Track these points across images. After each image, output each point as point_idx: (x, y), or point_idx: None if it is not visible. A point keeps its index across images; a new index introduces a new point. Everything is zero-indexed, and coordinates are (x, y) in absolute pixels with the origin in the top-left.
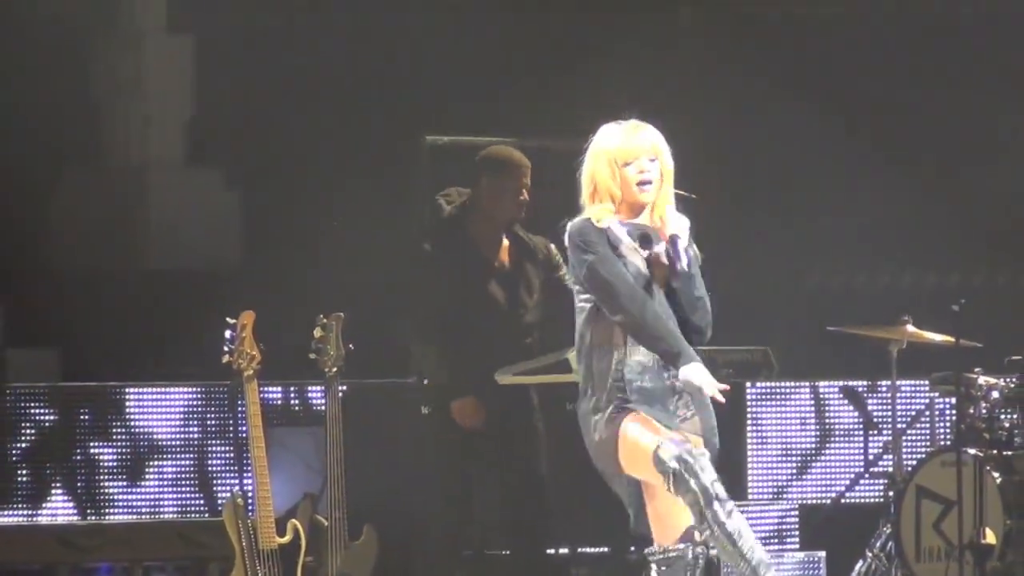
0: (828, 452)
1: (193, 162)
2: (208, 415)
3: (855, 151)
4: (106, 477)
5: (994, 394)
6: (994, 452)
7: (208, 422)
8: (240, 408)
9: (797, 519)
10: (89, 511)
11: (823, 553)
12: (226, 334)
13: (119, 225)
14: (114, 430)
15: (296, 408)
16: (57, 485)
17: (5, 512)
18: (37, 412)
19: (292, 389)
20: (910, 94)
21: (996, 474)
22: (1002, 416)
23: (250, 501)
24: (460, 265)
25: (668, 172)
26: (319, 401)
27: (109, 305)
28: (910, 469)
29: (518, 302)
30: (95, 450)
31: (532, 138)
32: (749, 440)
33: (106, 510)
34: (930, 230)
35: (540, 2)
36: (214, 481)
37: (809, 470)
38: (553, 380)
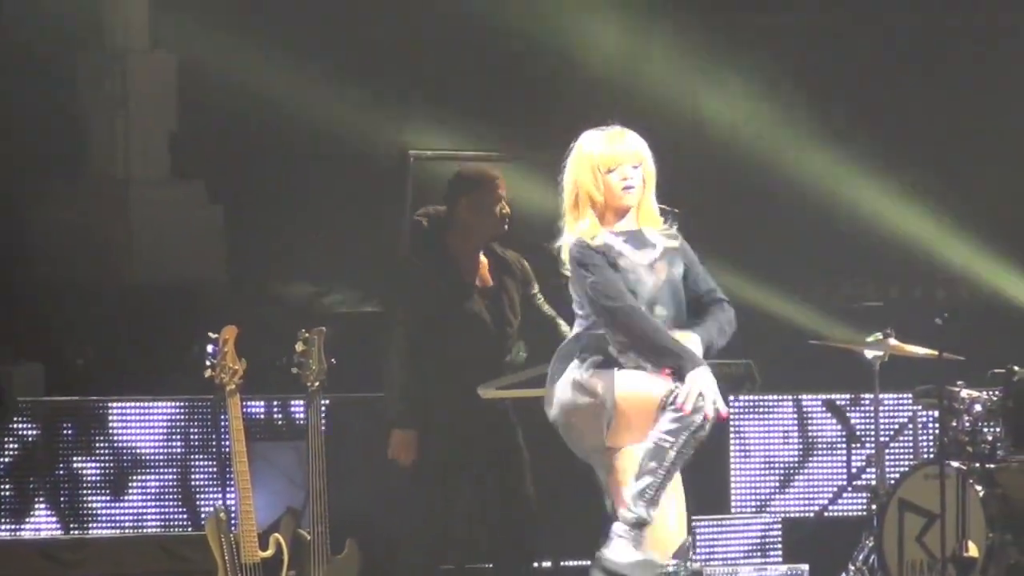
0: (811, 465)
1: (176, 177)
2: (191, 429)
3: (839, 164)
4: (89, 491)
5: (977, 407)
6: (977, 465)
7: (191, 436)
8: (223, 422)
9: (780, 532)
10: (72, 525)
11: (806, 566)
12: (209, 348)
13: (102, 240)
14: (97, 444)
15: (279, 422)
16: (40, 499)
17: None
18: (20, 427)
19: (275, 403)
20: (894, 106)
21: (979, 487)
22: (985, 429)
23: (233, 515)
24: (444, 284)
25: (650, 177)
26: (301, 415)
27: (92, 319)
28: (893, 482)
29: (503, 320)
30: (78, 464)
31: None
32: (732, 453)
33: (89, 524)
34: (913, 243)
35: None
36: (197, 495)
37: (792, 483)
38: (536, 394)
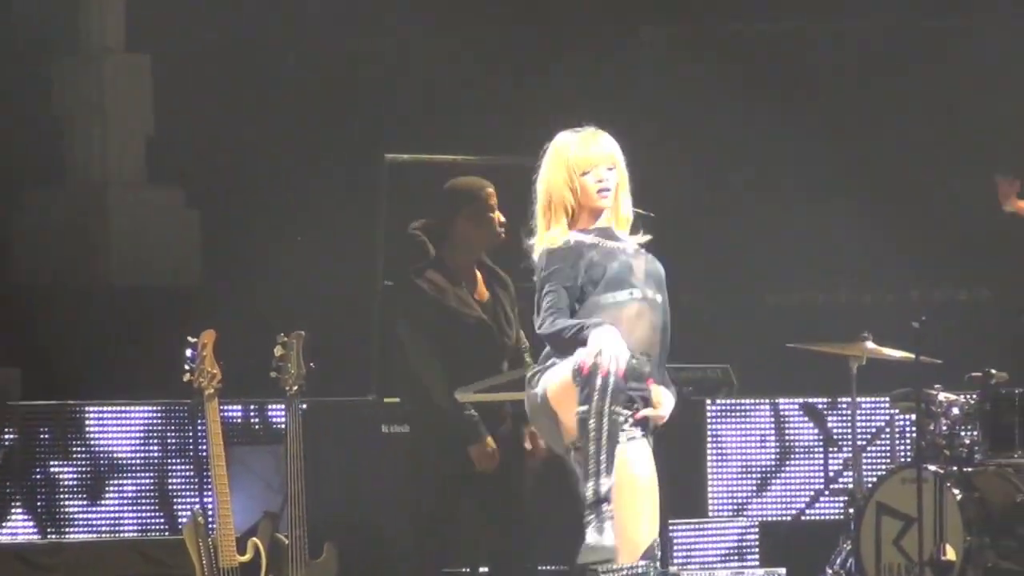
0: (788, 469)
1: (153, 181)
2: (168, 434)
3: (815, 169)
4: (66, 496)
5: (954, 411)
6: (954, 469)
7: (168, 441)
8: (201, 426)
9: (757, 536)
10: (49, 530)
11: (783, 570)
12: (187, 353)
13: (79, 243)
14: (74, 449)
15: (256, 426)
16: (17, 504)
17: None
18: None
19: (252, 407)
20: (868, 113)
21: (956, 491)
22: (962, 433)
23: (211, 519)
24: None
25: (624, 179)
26: (279, 419)
27: (69, 323)
28: (870, 486)
29: (501, 331)
30: (55, 469)
31: (492, 155)
32: (709, 457)
33: (66, 529)
34: (890, 247)
35: (501, 19)
36: (174, 499)
37: (769, 487)
38: (512, 398)
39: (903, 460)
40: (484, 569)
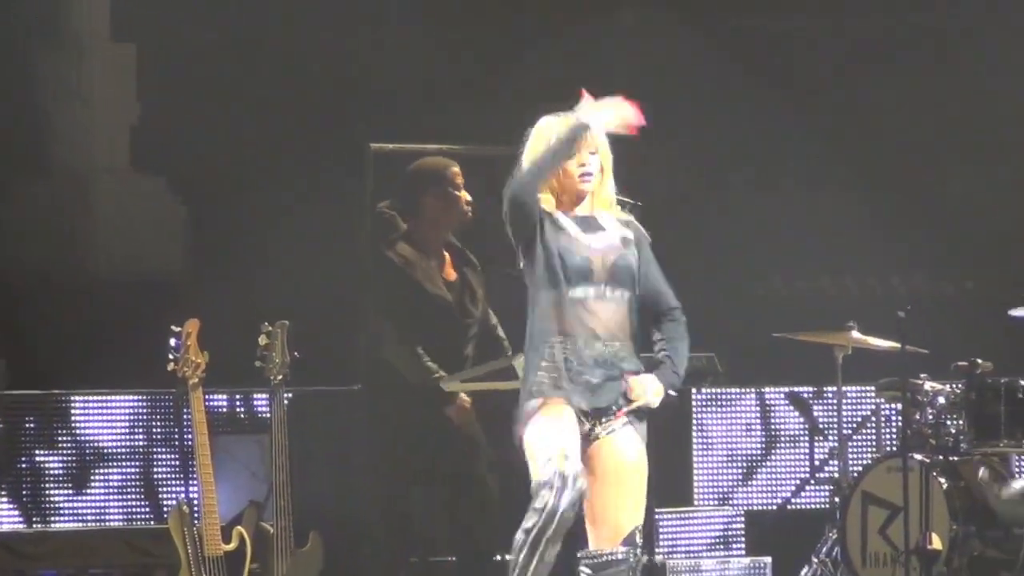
0: (774, 458)
1: (137, 169)
2: (153, 423)
3: (801, 158)
4: (52, 485)
5: (940, 400)
6: (940, 458)
7: (153, 430)
8: (185, 416)
9: (743, 525)
10: (35, 519)
11: (769, 559)
12: (171, 342)
13: (63, 232)
14: (59, 438)
15: (241, 416)
16: (2, 493)
17: None
18: None
19: (237, 397)
20: (853, 102)
21: (942, 480)
22: (948, 422)
23: (196, 508)
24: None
25: (608, 164)
26: (264, 409)
27: (53, 313)
28: (856, 475)
29: (465, 312)
30: (40, 458)
31: (476, 144)
32: (695, 446)
33: (52, 518)
34: (876, 236)
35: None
36: (159, 489)
37: (755, 476)
38: (498, 387)
39: (889, 449)
40: (452, 558)
